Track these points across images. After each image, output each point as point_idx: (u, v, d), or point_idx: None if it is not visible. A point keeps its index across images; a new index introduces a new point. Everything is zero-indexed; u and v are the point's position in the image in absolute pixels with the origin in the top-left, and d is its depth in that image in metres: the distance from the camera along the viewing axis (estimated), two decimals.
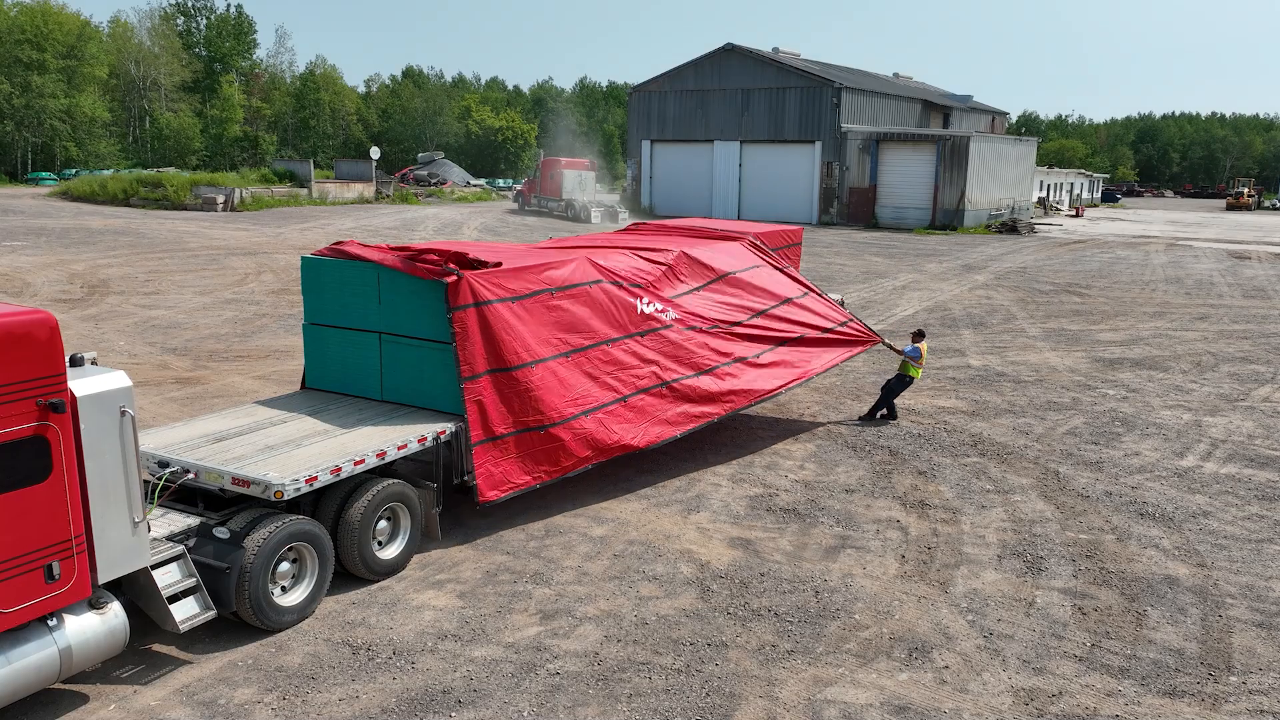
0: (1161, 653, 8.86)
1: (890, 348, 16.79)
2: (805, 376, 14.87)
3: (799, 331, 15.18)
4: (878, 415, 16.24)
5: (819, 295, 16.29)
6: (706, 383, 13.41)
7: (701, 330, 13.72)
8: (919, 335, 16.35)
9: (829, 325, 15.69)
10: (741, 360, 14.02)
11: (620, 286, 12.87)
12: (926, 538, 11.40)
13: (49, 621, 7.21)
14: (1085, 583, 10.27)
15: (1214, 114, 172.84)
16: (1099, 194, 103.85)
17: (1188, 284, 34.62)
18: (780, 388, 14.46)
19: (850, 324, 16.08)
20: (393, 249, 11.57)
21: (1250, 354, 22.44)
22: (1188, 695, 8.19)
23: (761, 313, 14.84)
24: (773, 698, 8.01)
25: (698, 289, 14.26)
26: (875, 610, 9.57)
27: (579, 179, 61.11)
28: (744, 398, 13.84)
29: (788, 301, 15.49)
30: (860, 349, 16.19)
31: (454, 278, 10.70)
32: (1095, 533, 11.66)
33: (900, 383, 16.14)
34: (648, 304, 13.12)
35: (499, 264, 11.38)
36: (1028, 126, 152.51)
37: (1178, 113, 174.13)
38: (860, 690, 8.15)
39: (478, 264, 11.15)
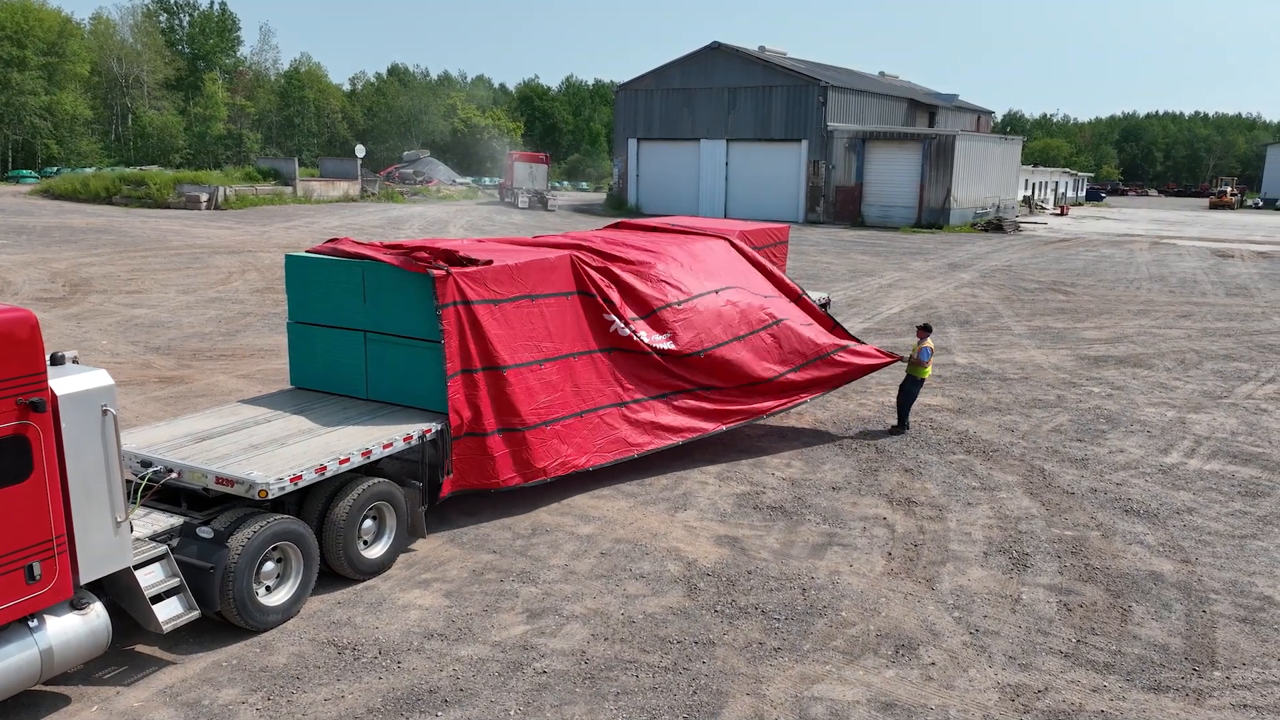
0: (1146, 648, 8.90)
1: (910, 361, 15.49)
2: (800, 399, 14.70)
3: (791, 351, 14.56)
4: (896, 426, 15.56)
5: (820, 315, 15.55)
6: (680, 403, 13.25)
7: (683, 347, 13.30)
8: (925, 330, 15.46)
9: (826, 351, 14.98)
10: (725, 383, 13.76)
11: (602, 299, 12.63)
12: (913, 535, 11.42)
13: (30, 622, 7.14)
14: (1070, 579, 10.31)
15: (1197, 113, 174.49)
16: (1083, 193, 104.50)
17: (1172, 282, 34.84)
18: (771, 408, 14.32)
19: (851, 350, 15.09)
20: (385, 246, 11.52)
21: (1234, 351, 22.59)
22: (1172, 690, 8.24)
23: (756, 330, 14.33)
24: (760, 695, 8.01)
25: (685, 301, 13.77)
26: (862, 607, 9.58)
27: (529, 170, 68.96)
28: (715, 421, 13.65)
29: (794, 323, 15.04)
30: (871, 367, 15.29)
31: (441, 273, 10.67)
32: (1080, 529, 11.71)
33: (914, 384, 15.38)
34: (625, 325, 12.74)
35: (489, 262, 11.34)
36: (1013, 126, 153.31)
37: (1161, 112, 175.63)
38: (847, 687, 8.16)
39: (467, 261, 11.12)
